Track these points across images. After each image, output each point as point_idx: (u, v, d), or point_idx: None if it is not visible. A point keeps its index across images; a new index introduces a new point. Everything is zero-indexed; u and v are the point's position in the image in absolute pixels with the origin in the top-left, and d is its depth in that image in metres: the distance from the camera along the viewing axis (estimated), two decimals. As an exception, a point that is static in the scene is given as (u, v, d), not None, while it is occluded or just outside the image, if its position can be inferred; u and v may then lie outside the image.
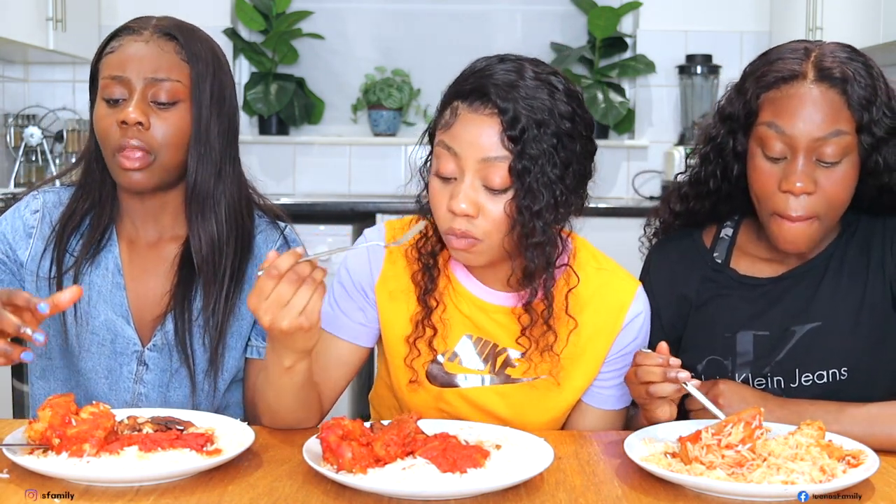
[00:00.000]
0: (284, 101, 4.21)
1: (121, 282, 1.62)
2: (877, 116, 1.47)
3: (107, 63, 1.57)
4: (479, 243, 1.41)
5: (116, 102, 1.55)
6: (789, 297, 1.58)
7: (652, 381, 1.40)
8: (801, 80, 1.47)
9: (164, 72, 1.56)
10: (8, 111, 4.12)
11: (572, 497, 1.22)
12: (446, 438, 1.28)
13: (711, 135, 1.60)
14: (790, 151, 1.47)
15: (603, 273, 1.53)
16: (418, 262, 1.52)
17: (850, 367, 1.53)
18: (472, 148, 1.37)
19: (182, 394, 1.62)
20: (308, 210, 3.67)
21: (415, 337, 1.51)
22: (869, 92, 1.46)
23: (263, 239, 1.67)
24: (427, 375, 1.53)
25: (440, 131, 1.42)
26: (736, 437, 1.26)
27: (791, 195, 1.47)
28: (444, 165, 1.40)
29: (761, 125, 1.50)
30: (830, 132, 1.45)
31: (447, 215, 1.40)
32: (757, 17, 4.22)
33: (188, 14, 1.75)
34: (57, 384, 1.64)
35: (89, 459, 1.24)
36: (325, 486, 1.23)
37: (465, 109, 1.39)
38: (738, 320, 1.59)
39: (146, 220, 1.63)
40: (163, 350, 1.61)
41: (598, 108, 4.15)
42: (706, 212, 1.66)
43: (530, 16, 4.42)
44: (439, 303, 1.51)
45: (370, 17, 4.43)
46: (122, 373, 1.61)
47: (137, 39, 1.57)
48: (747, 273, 1.62)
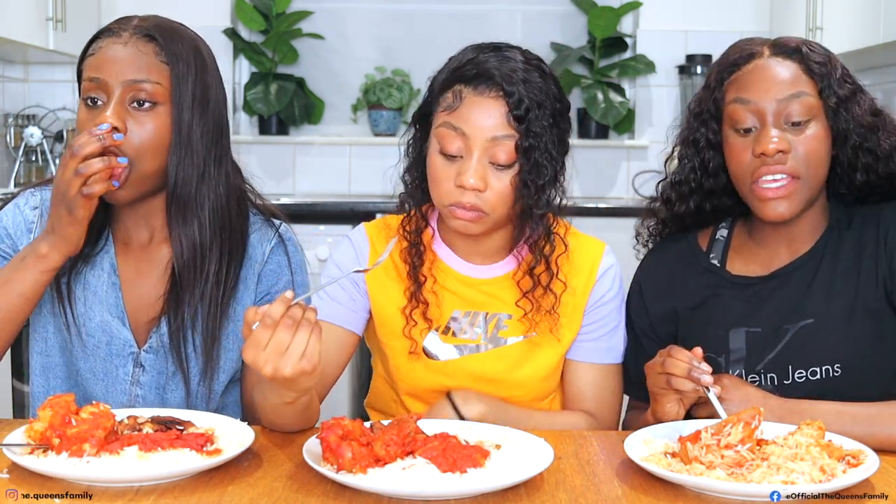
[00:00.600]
0: (284, 101, 4.21)
1: (116, 282, 1.61)
2: (836, 79, 1.55)
3: (88, 65, 1.55)
4: (485, 216, 1.52)
5: (95, 105, 1.53)
6: (782, 294, 1.59)
7: (675, 373, 1.42)
8: (759, 57, 1.57)
9: (144, 73, 1.52)
10: (8, 111, 4.11)
11: (572, 497, 1.22)
12: (446, 438, 1.28)
13: (685, 135, 1.66)
14: (759, 120, 1.53)
15: (573, 237, 1.66)
16: (405, 240, 1.62)
17: (843, 363, 1.53)
18: (481, 128, 1.49)
19: (179, 396, 1.61)
20: (308, 210, 3.67)
21: (410, 308, 1.60)
22: (824, 59, 1.56)
23: (258, 238, 1.66)
24: (424, 352, 1.60)
25: (443, 113, 1.53)
26: (736, 437, 1.26)
27: (766, 158, 1.51)
28: (449, 144, 1.51)
29: (729, 105, 1.56)
30: (793, 93, 1.52)
31: (454, 190, 1.51)
32: (757, 17, 4.22)
33: (188, 14, 1.75)
34: (57, 382, 1.63)
35: (89, 459, 1.24)
36: (325, 486, 1.23)
37: (471, 93, 1.51)
38: (730, 318, 1.60)
39: (137, 222, 1.62)
40: (158, 352, 1.60)
41: (598, 108, 4.16)
42: (692, 213, 1.68)
43: (530, 16, 4.42)
44: (427, 277, 1.60)
45: (370, 17, 4.43)
46: (119, 374, 1.60)
47: (116, 41, 1.54)
48: (742, 272, 1.64)
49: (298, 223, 1.80)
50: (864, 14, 3.23)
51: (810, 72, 1.54)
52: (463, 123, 1.50)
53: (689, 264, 1.68)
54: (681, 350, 1.44)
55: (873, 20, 3.16)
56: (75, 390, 1.61)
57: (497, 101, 1.50)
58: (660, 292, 1.69)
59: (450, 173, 1.51)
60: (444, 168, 1.52)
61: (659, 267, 1.71)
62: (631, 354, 1.72)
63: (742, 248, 1.66)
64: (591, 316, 1.65)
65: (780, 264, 1.61)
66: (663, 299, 1.68)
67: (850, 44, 3.24)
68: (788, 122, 1.52)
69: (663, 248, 1.73)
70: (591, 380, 1.66)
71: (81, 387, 1.61)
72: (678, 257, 1.69)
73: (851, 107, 1.55)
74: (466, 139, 1.50)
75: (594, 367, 1.66)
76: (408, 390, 1.63)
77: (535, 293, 1.60)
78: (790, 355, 1.56)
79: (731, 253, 1.66)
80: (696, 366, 1.41)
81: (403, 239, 1.62)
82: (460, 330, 1.61)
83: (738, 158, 1.55)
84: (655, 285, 1.70)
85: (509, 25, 4.43)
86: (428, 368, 1.60)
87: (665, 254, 1.72)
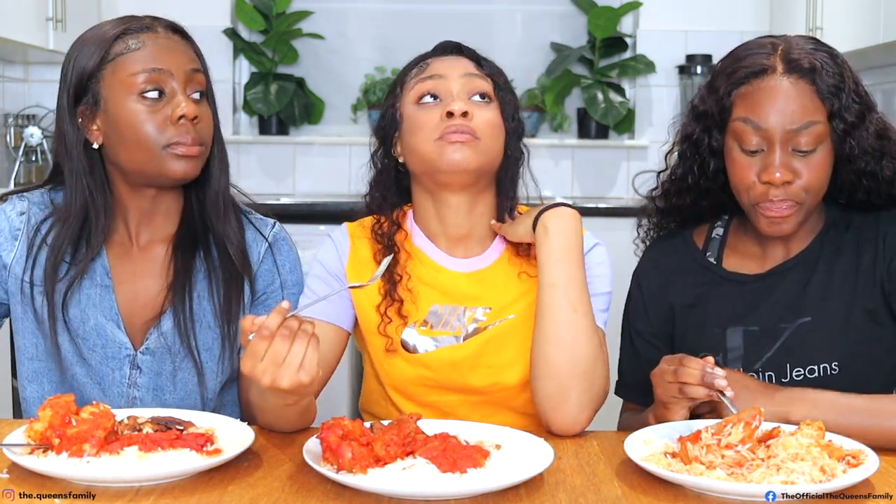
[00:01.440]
0: (284, 101, 4.21)
1: (109, 285, 1.60)
2: (846, 103, 1.51)
3: (132, 59, 1.52)
4: (478, 142, 1.55)
5: (155, 98, 1.52)
6: (779, 292, 1.59)
7: (690, 381, 1.41)
8: (771, 74, 1.52)
9: (197, 63, 1.57)
10: (8, 111, 4.11)
11: (572, 497, 1.22)
12: (446, 438, 1.28)
13: (687, 132, 1.64)
14: (766, 144, 1.51)
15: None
16: (378, 242, 1.64)
17: (841, 362, 1.53)
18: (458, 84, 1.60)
19: (177, 397, 1.61)
20: (308, 210, 3.67)
21: (385, 305, 1.60)
22: (837, 80, 1.51)
23: (253, 238, 1.67)
24: (402, 345, 1.60)
25: (415, 82, 1.63)
26: (736, 437, 1.26)
27: (771, 186, 1.50)
28: (428, 87, 1.60)
29: (736, 121, 1.54)
30: (804, 123, 1.49)
31: (441, 124, 1.56)
32: (757, 17, 4.22)
33: (188, 14, 1.75)
34: (51, 387, 1.61)
35: (89, 459, 1.24)
36: (325, 486, 1.23)
37: (437, 60, 1.63)
38: (727, 316, 1.61)
39: (141, 221, 1.62)
40: (156, 353, 1.60)
41: (598, 108, 4.16)
42: (688, 207, 1.69)
43: (530, 16, 4.42)
44: (402, 276, 1.61)
45: (370, 17, 4.43)
46: (115, 377, 1.59)
47: (157, 36, 1.55)
48: (737, 270, 1.64)
49: (298, 223, 1.81)
50: (864, 14, 3.23)
51: (821, 96, 1.50)
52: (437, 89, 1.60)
53: (685, 261, 1.68)
54: (693, 358, 1.43)
55: (873, 20, 3.16)
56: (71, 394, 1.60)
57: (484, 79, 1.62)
58: (657, 290, 1.69)
59: (437, 114, 1.57)
60: (427, 114, 1.58)
61: (656, 265, 1.71)
62: (625, 357, 1.72)
63: (738, 245, 1.67)
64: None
65: (775, 262, 1.62)
66: (661, 297, 1.68)
67: (850, 44, 3.24)
68: (796, 150, 1.50)
69: (660, 246, 1.74)
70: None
71: (77, 391, 1.59)
72: (674, 254, 1.70)
73: (859, 132, 1.52)
74: (446, 83, 1.59)
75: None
76: (392, 384, 1.63)
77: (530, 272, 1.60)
78: (788, 354, 1.56)
79: (726, 250, 1.67)
80: (710, 371, 1.40)
81: (375, 241, 1.64)
82: (438, 323, 1.61)
83: (740, 175, 1.54)
84: (653, 283, 1.70)
85: (509, 25, 4.43)
86: (407, 362, 1.60)
87: (662, 251, 1.72)
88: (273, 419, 1.45)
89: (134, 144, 1.53)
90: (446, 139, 1.54)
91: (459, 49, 1.66)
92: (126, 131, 1.53)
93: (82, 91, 1.55)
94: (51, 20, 3.59)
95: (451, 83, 1.59)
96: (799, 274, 1.59)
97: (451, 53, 1.65)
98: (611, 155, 4.32)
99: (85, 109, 1.56)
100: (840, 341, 1.54)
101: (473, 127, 1.55)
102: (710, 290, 1.64)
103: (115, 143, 1.55)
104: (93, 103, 1.55)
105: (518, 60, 4.29)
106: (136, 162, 1.54)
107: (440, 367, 1.60)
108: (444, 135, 1.55)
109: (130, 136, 1.52)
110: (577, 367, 1.49)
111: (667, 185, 1.71)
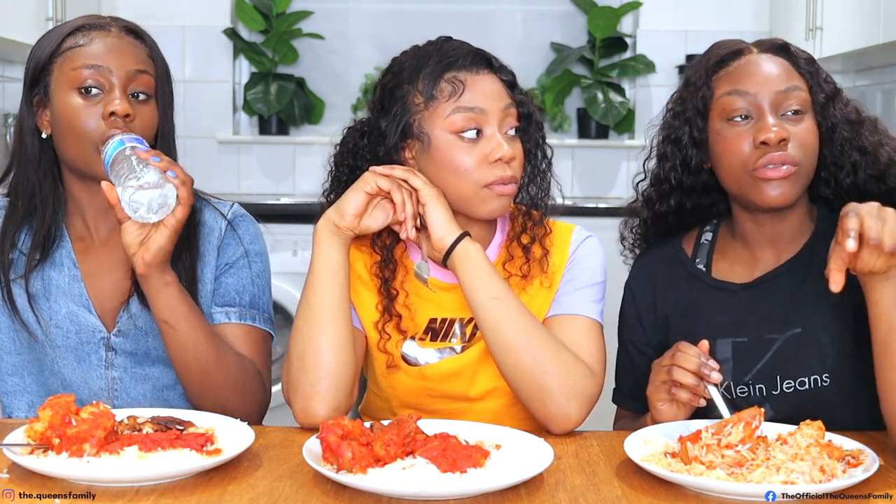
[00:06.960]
0: (284, 101, 4.21)
1: (77, 275, 1.64)
2: (822, 77, 1.57)
3: (78, 54, 1.57)
4: (515, 186, 1.57)
5: (93, 94, 1.55)
6: (768, 303, 1.58)
7: (684, 365, 1.42)
8: (748, 53, 1.58)
9: (143, 64, 1.58)
10: (8, 111, 4.11)
11: (572, 497, 1.22)
12: (446, 438, 1.28)
13: (666, 133, 1.65)
14: (755, 111, 1.53)
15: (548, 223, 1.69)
16: (377, 254, 1.62)
17: (831, 373, 1.53)
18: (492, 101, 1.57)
19: (154, 374, 1.65)
20: (308, 210, 3.63)
21: (382, 323, 1.61)
22: (807, 59, 1.58)
23: (212, 216, 1.70)
24: (404, 358, 1.61)
25: (452, 108, 1.55)
26: (736, 437, 1.26)
27: (767, 147, 1.50)
28: (470, 123, 1.54)
29: (720, 98, 1.56)
30: (789, 86, 1.53)
31: (489, 172, 1.54)
32: (757, 17, 4.22)
33: (188, 14, 1.76)
34: (31, 378, 1.66)
35: (89, 459, 1.24)
36: (325, 486, 1.24)
37: (471, 80, 1.57)
38: (716, 328, 1.59)
39: (97, 216, 1.65)
40: (128, 334, 1.64)
41: (598, 108, 4.16)
42: (673, 212, 1.68)
43: (530, 16, 4.42)
44: (399, 291, 1.61)
45: (370, 17, 4.43)
46: (92, 361, 1.63)
47: (107, 35, 1.59)
48: (727, 278, 1.63)
49: (298, 223, 1.81)
50: (864, 14, 3.23)
51: (799, 69, 1.56)
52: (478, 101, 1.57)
53: (674, 271, 1.68)
54: (690, 345, 1.45)
55: (873, 20, 3.16)
56: (52, 381, 1.64)
57: (497, 79, 1.63)
58: (650, 300, 1.68)
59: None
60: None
61: (648, 274, 1.71)
62: (620, 365, 1.72)
63: (727, 250, 1.66)
64: (572, 272, 1.62)
65: (766, 268, 1.61)
66: (653, 306, 1.68)
67: (850, 44, 3.24)
68: (785, 112, 1.52)
69: (649, 254, 1.73)
70: (570, 333, 1.57)
71: (59, 377, 1.64)
72: (664, 263, 1.69)
73: (837, 103, 1.57)
74: (485, 115, 1.55)
75: (570, 318, 1.59)
76: (396, 397, 1.64)
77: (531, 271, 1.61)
78: (778, 366, 1.55)
79: (715, 256, 1.66)
80: (705, 362, 1.42)
81: (375, 253, 1.62)
82: (438, 334, 1.61)
83: (734, 148, 1.53)
84: (645, 293, 1.69)
85: (509, 25, 4.43)
86: (409, 375, 1.61)
87: (651, 259, 1.72)
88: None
89: (72, 137, 1.57)
90: (494, 190, 1.53)
91: (489, 62, 1.60)
92: (64, 124, 1.57)
93: (36, 81, 1.62)
94: (51, 20, 3.59)
95: (491, 117, 1.55)
96: (788, 283, 1.58)
97: (481, 67, 1.59)
98: (611, 155, 4.31)
99: (38, 99, 1.61)
100: (831, 353, 1.53)
101: (515, 175, 1.55)
102: (699, 300, 1.63)
103: (57, 134, 1.59)
104: (43, 94, 1.61)
105: (518, 60, 4.23)
106: (74, 155, 1.58)
107: (443, 378, 1.61)
108: (491, 185, 1.53)
109: (68, 129, 1.57)
110: (542, 363, 1.49)
111: (647, 191, 1.70)
